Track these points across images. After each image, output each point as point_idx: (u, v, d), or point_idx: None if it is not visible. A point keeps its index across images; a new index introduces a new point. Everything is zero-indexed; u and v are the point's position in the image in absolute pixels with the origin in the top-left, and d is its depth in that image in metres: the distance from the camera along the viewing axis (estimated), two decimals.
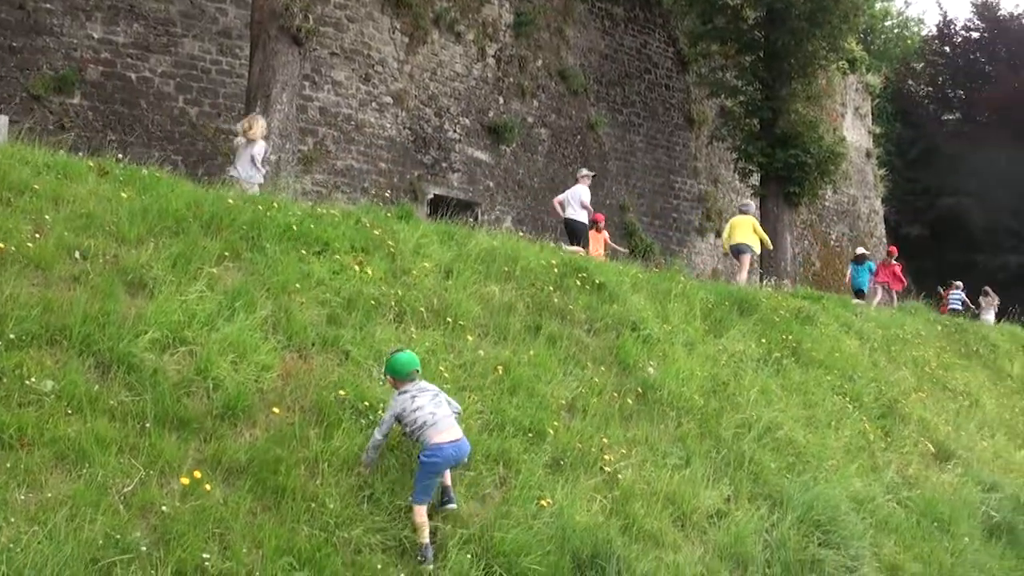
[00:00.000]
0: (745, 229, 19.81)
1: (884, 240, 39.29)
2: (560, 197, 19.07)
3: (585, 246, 18.12)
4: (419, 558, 7.23)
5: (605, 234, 19.73)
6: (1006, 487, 13.97)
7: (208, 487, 6.60)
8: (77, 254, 8.11)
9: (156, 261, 8.30)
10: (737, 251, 19.96)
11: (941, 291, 28.69)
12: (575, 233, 18.49)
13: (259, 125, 13.32)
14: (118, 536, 5.97)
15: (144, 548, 5.99)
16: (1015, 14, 49.20)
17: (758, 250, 20.41)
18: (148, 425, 6.85)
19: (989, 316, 28.22)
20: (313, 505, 7.07)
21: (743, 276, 19.49)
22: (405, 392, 7.62)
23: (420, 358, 9.08)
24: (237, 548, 6.37)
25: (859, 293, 23.08)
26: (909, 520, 11.76)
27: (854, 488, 11.42)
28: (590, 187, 19.12)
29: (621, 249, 20.44)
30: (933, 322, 19.49)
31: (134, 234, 8.55)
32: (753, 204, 24.20)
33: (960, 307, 27.56)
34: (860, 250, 25.81)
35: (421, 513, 7.34)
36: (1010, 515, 13.33)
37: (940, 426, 14.63)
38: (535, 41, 24.73)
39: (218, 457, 6.94)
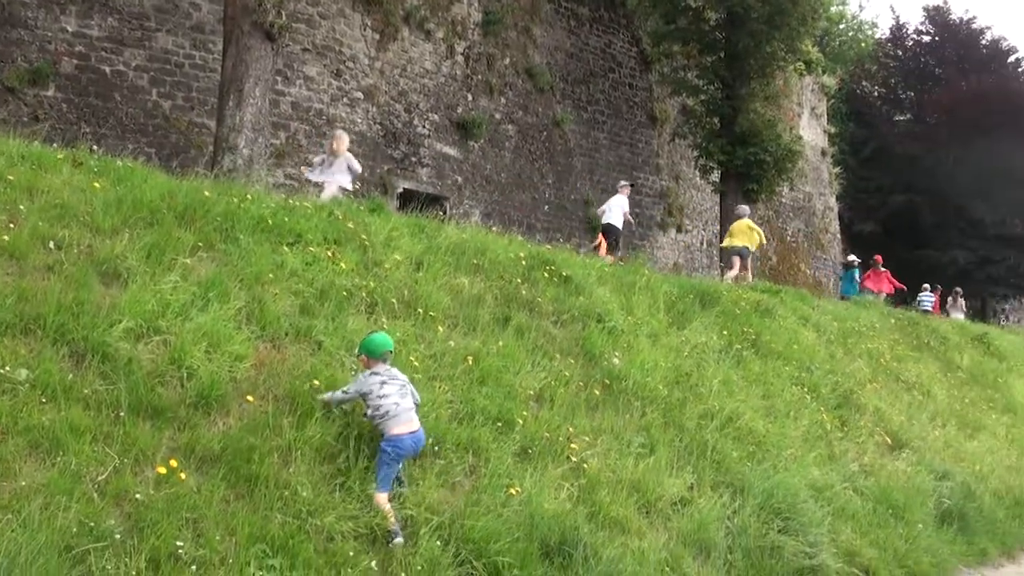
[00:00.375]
0: (742, 232, 20.95)
1: (838, 236, 39.55)
2: (602, 207, 20.83)
3: (617, 248, 20.14)
4: (390, 542, 7.18)
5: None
6: (957, 475, 14.04)
7: (182, 475, 6.47)
8: (51, 244, 7.94)
9: (130, 251, 8.13)
10: (734, 252, 21.03)
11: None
12: (608, 235, 20.19)
13: (344, 141, 15.01)
14: (92, 524, 5.84)
15: (118, 536, 5.86)
16: (964, 19, 49.64)
17: (754, 250, 21.57)
18: (122, 414, 6.70)
19: (959, 315, 28.70)
20: (286, 493, 6.95)
21: (732, 273, 20.23)
22: (376, 375, 7.60)
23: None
24: (211, 535, 6.25)
25: (844, 299, 23.50)
26: (865, 507, 11.78)
27: (812, 476, 11.43)
28: (627, 194, 21.04)
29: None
30: (886, 315, 19.58)
31: (108, 224, 8.37)
32: (748, 207, 23.99)
33: (930, 308, 27.85)
34: (851, 257, 27.03)
35: (384, 501, 7.33)
36: (961, 502, 13.40)
37: (894, 416, 14.68)
38: (503, 39, 24.63)
39: (192, 446, 6.80)
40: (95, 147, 10.95)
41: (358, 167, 15.34)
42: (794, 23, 26.45)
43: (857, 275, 26.10)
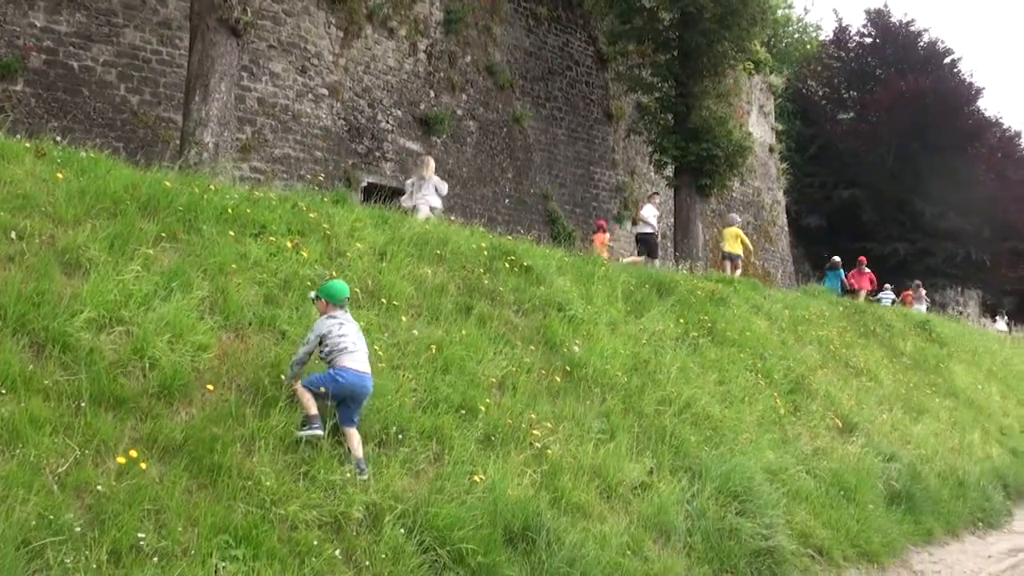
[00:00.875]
0: (732, 240, 23.49)
1: (786, 229, 39.59)
2: (641, 214, 22.81)
3: (654, 256, 21.52)
4: (313, 425, 7.20)
5: (607, 235, 21.57)
6: (904, 457, 13.98)
7: (144, 466, 6.13)
8: (13, 234, 7.55)
9: (93, 242, 7.74)
10: (726, 256, 23.58)
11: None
12: (644, 244, 21.96)
13: (431, 166, 16.73)
14: (51, 517, 5.50)
15: (78, 529, 5.52)
16: (904, 22, 49.94)
17: (742, 255, 23.66)
18: (83, 405, 6.36)
19: (921, 307, 29.02)
20: (249, 483, 6.63)
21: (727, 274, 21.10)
22: (334, 317, 7.51)
23: None
24: (173, 526, 5.92)
25: None
26: (818, 489, 11.66)
27: (767, 459, 11.27)
28: (656, 204, 23.11)
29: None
30: (835, 304, 19.51)
31: (71, 215, 7.98)
32: (739, 217, 26.53)
33: (890, 304, 28.00)
34: (836, 259, 28.05)
35: (308, 396, 7.24)
36: (908, 484, 13.36)
37: (844, 401, 14.58)
38: (464, 38, 24.31)
39: (154, 436, 6.46)
40: (61, 141, 10.47)
41: (445, 188, 16.72)
42: (744, 23, 26.36)
43: (843, 275, 27.22)
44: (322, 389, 7.26)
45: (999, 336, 29.77)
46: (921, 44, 49.16)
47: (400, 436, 8.01)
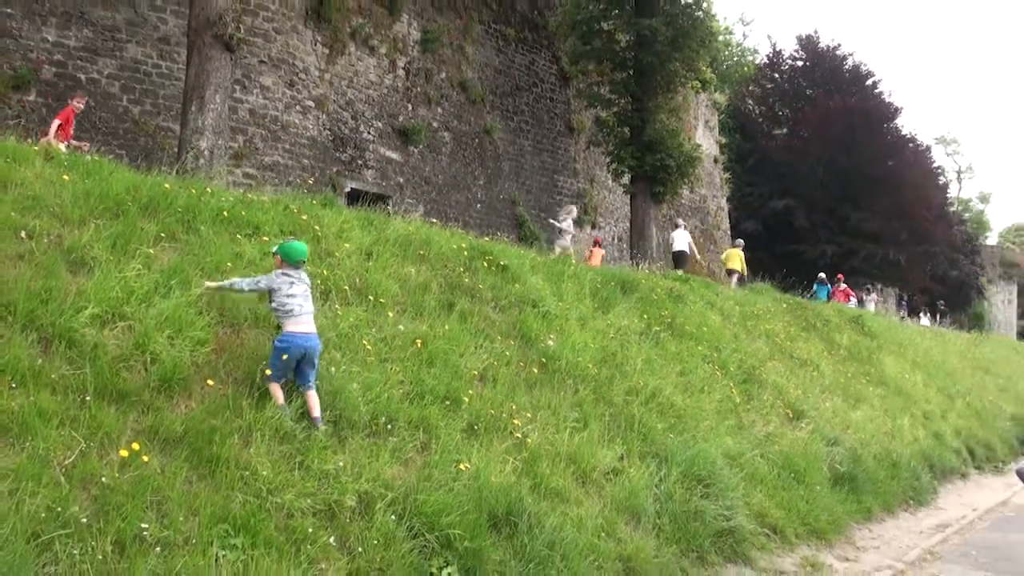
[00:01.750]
0: (734, 259, 25.13)
1: (728, 233, 39.47)
2: (671, 236, 25.18)
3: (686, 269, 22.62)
4: (283, 412, 6.89)
5: (603, 251, 21.84)
6: (845, 442, 13.78)
7: (146, 458, 5.70)
8: (23, 234, 7.07)
9: (97, 241, 7.27)
10: (730, 272, 25.04)
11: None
12: (677, 261, 23.76)
13: (574, 212, 20.65)
14: (59, 509, 5.09)
15: (84, 520, 5.12)
16: (831, 47, 49.87)
17: (742, 271, 25.07)
18: (88, 398, 5.92)
19: (871, 308, 29.33)
20: (246, 473, 6.22)
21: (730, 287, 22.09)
22: (287, 275, 7.24)
23: (345, 333, 8.42)
24: (174, 516, 5.51)
25: None
26: (772, 472, 11.41)
27: (726, 445, 10.99)
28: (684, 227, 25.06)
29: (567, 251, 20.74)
30: (779, 300, 19.28)
31: (77, 215, 7.50)
32: (742, 241, 27.84)
33: (824, 298, 28.05)
34: (821, 275, 30.08)
35: (276, 389, 6.97)
36: (850, 466, 13.16)
37: (791, 390, 14.34)
38: (439, 56, 23.86)
39: (155, 428, 6.03)
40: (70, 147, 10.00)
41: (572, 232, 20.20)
42: (694, 45, 26.14)
43: (829, 288, 29.13)
44: (287, 362, 6.97)
45: (921, 329, 29.76)
46: (847, 67, 49.15)
47: (389, 426, 7.62)
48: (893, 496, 13.79)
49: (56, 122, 13.36)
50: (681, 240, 24.33)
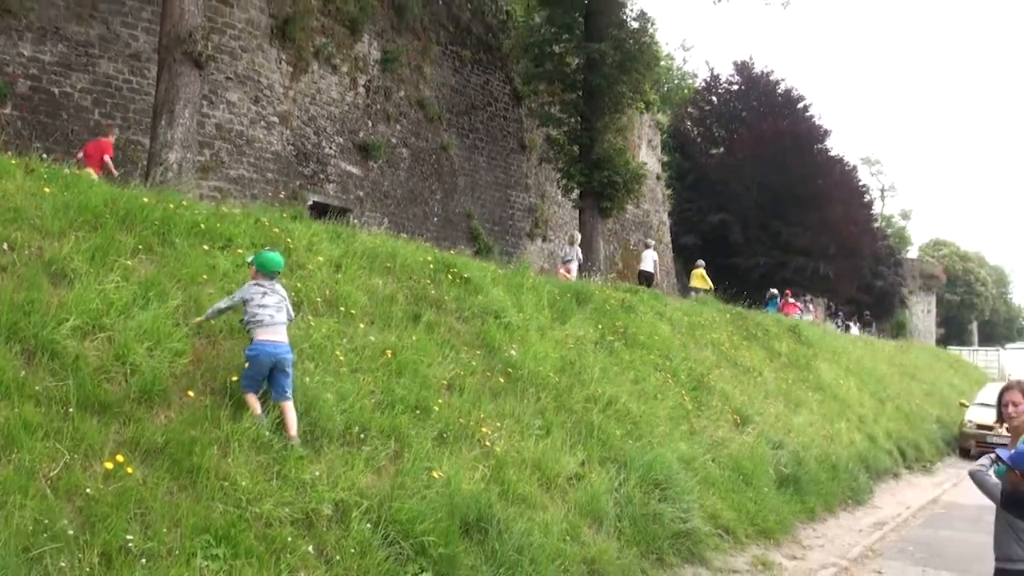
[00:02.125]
0: (698, 278, 26.05)
1: (670, 246, 39.71)
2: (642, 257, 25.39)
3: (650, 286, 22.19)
4: (260, 422, 6.65)
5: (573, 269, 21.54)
6: (789, 445, 13.83)
7: (130, 469, 5.46)
8: (5, 245, 6.79)
9: (76, 253, 6.99)
10: (694, 291, 25.62)
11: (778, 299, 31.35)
12: (646, 279, 23.65)
13: (578, 241, 21.59)
14: (47, 521, 4.86)
15: (71, 532, 4.89)
16: (765, 72, 50.45)
17: (707, 288, 25.49)
18: (71, 410, 5.67)
19: (808, 317, 29.79)
20: (226, 483, 6.00)
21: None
22: (260, 286, 7.02)
23: (318, 344, 8.22)
24: (158, 527, 5.28)
25: None
26: (723, 475, 11.40)
27: (680, 450, 10.95)
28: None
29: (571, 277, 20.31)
30: (722, 311, 19.35)
31: (57, 227, 7.21)
32: (703, 261, 27.95)
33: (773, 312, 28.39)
34: (773, 291, 31.07)
35: (253, 399, 6.76)
36: (794, 468, 13.20)
37: (737, 396, 14.37)
38: (398, 75, 23.66)
39: (137, 439, 5.79)
40: (47, 159, 9.65)
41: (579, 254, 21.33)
42: (641, 68, 26.30)
43: (778, 303, 29.85)
44: (246, 364, 6.80)
45: (852, 338, 30.17)
46: (779, 91, 49.73)
47: (362, 435, 7.43)
48: (834, 496, 13.89)
49: (106, 158, 13.26)
50: (648, 260, 24.75)
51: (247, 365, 6.79)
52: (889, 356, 29.75)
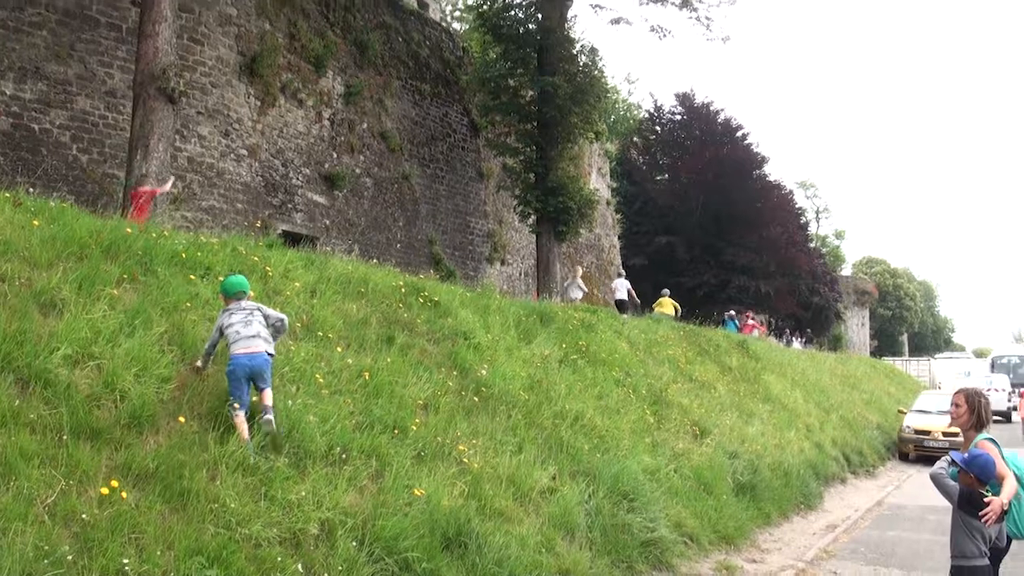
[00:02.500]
0: (666, 306, 26.00)
1: (621, 268, 39.87)
2: (613, 286, 26.32)
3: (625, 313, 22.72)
4: (247, 447, 6.48)
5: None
6: (743, 455, 13.88)
7: (124, 494, 5.31)
8: None
9: (64, 283, 6.81)
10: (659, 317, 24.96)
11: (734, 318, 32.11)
12: (619, 306, 24.30)
13: (580, 271, 22.69)
14: (47, 547, 4.72)
15: (70, 558, 4.74)
16: (705, 103, 51.02)
17: (675, 314, 25.45)
18: (65, 437, 5.52)
19: (754, 333, 30.18)
20: (216, 505, 5.87)
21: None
22: (228, 310, 6.96)
23: (298, 367, 8.10)
24: (152, 551, 5.14)
25: None
26: (685, 485, 11.40)
27: (645, 462, 10.94)
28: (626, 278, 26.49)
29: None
30: (675, 328, 19.45)
31: (45, 259, 7.03)
32: (668, 290, 28.39)
33: (734, 330, 28.59)
34: (731, 312, 32.16)
35: (241, 423, 6.61)
36: (751, 476, 13.24)
37: (694, 409, 14.41)
38: (361, 108, 23.55)
39: (129, 464, 5.64)
40: (32, 193, 9.43)
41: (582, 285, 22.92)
42: (592, 100, 26.45)
43: (736, 323, 30.57)
44: (240, 384, 6.68)
45: (796, 352, 30.48)
46: (719, 121, 50.27)
47: (344, 456, 7.32)
48: (788, 502, 13.95)
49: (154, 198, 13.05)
50: (622, 288, 25.51)
51: (229, 378, 6.71)
52: (831, 368, 30.11)
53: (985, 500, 5.81)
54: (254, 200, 19.33)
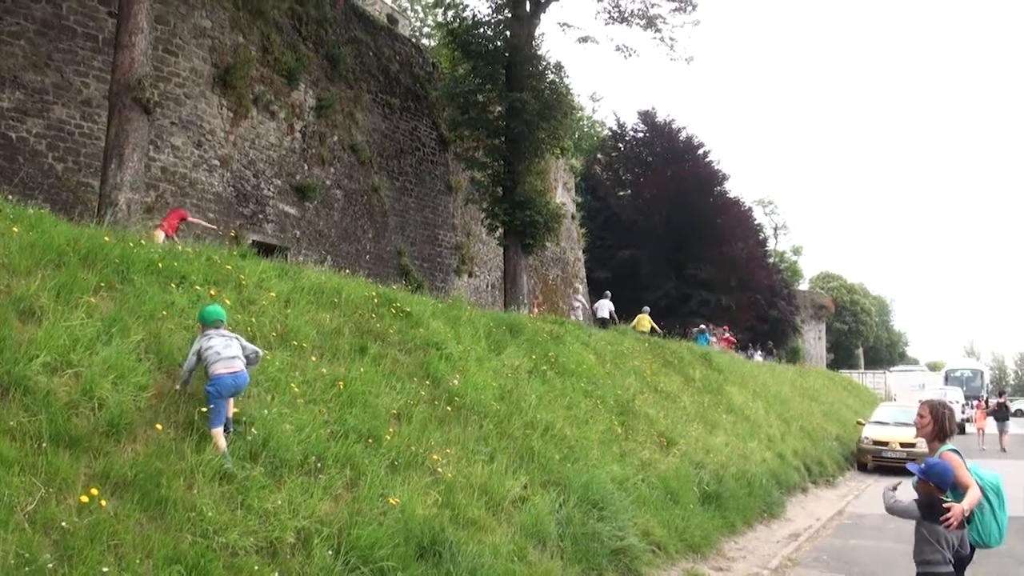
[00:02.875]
0: (644, 322, 26.65)
1: (585, 280, 40.02)
2: (596, 306, 27.83)
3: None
4: (225, 465, 6.39)
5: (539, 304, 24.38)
6: (709, 465, 13.94)
7: (103, 503, 5.21)
8: None
9: (43, 291, 6.67)
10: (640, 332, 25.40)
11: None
12: (602, 324, 24.70)
13: (582, 290, 21.99)
14: (27, 555, 4.61)
15: (51, 566, 4.64)
16: (667, 121, 51.58)
17: (649, 331, 25.72)
18: (44, 444, 5.40)
19: (717, 346, 30.54)
20: (193, 514, 5.77)
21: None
22: (206, 336, 6.86)
23: (273, 376, 8.00)
24: (131, 559, 5.04)
25: None
26: (652, 494, 11.41)
27: (614, 472, 10.94)
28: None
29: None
30: (641, 340, 19.52)
31: (23, 266, 6.88)
32: (648, 308, 29.16)
33: (706, 343, 28.82)
34: (702, 326, 32.39)
35: (218, 435, 6.55)
36: (716, 486, 13.29)
37: (661, 420, 14.45)
38: (332, 121, 23.47)
39: (107, 472, 5.53)
40: (12, 200, 9.27)
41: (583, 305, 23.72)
42: (559, 116, 26.60)
43: (708, 337, 30.86)
44: (221, 403, 6.63)
45: (757, 364, 30.73)
46: (681, 138, 50.80)
47: (319, 464, 7.23)
48: (751, 511, 14.02)
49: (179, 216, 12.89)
50: (604, 308, 26.67)
51: (210, 398, 6.58)
52: (791, 380, 30.39)
53: (945, 505, 5.91)
54: (226, 210, 19.14)
